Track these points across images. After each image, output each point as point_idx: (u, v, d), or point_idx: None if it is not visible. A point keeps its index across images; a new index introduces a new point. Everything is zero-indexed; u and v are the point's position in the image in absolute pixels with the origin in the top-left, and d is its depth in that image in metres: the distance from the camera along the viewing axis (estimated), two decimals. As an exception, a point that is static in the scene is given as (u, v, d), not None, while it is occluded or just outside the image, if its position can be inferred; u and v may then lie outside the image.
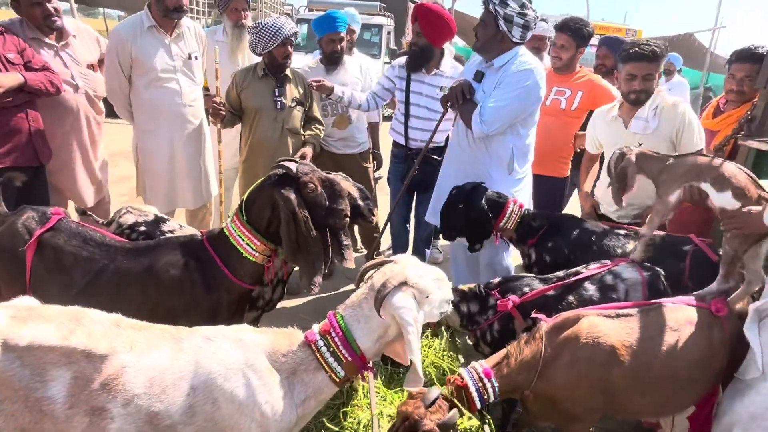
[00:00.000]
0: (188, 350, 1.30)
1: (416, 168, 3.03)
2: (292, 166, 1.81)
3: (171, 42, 3.04)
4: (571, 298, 2.05)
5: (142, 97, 3.05)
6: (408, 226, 3.71)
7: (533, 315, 1.88)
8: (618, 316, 1.77)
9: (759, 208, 1.76)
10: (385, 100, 3.37)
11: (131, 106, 3.12)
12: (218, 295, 1.87)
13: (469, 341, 2.39)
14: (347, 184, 2.26)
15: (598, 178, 2.91)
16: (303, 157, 3.09)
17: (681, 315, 1.77)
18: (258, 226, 1.85)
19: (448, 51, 4.30)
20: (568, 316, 1.80)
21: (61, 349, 1.24)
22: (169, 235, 2.25)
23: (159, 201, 3.21)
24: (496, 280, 2.20)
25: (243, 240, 1.84)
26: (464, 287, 2.17)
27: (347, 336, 1.42)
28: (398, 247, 3.69)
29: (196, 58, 3.18)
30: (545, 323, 1.79)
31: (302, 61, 5.03)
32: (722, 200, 1.84)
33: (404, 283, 1.41)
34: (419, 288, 1.42)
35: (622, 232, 2.45)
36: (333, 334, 1.42)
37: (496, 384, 1.70)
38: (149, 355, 1.28)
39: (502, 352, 1.78)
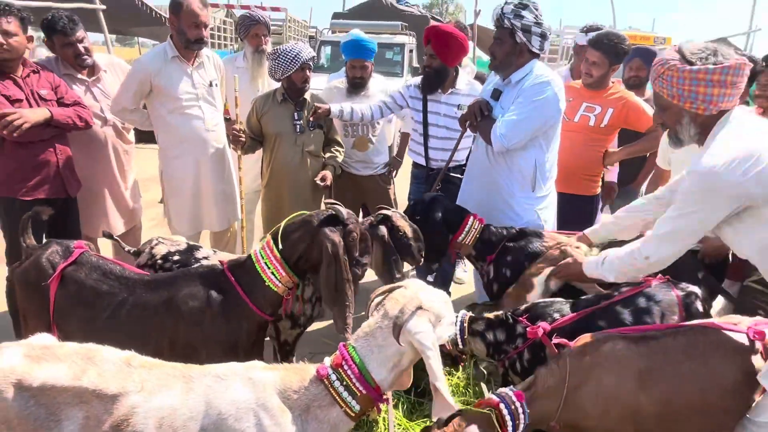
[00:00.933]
0: (199, 390, 1.29)
1: (437, 188, 2.99)
2: (343, 211, 1.86)
3: (193, 71, 3.12)
4: (603, 323, 1.95)
5: (167, 123, 3.13)
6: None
7: (555, 340, 1.80)
8: (643, 338, 1.68)
9: (569, 259, 2.11)
10: (392, 112, 3.34)
11: (139, 118, 3.18)
12: (238, 324, 1.87)
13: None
14: (403, 223, 2.35)
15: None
16: (323, 179, 3.10)
17: (712, 339, 1.66)
18: (288, 258, 1.85)
19: (470, 69, 4.26)
20: (590, 339, 1.71)
21: (74, 389, 1.24)
22: (204, 261, 2.29)
23: (184, 224, 3.27)
24: (524, 306, 2.11)
25: (269, 268, 1.84)
26: (490, 315, 2.09)
27: (360, 368, 1.39)
28: (421, 268, 3.63)
29: (216, 85, 3.25)
30: (569, 348, 1.71)
31: (324, 83, 5.09)
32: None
33: (419, 308, 1.41)
34: (434, 311, 1.42)
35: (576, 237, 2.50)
36: (345, 367, 1.40)
37: (527, 409, 1.62)
38: (160, 395, 1.27)
39: (530, 379, 1.71)
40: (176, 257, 2.33)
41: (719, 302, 3.04)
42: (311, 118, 3.09)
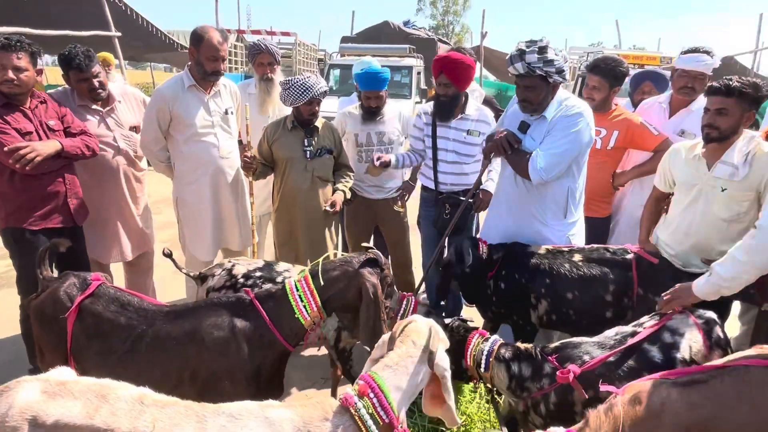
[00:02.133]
0: (212, 430, 1.27)
1: (447, 213, 3.02)
2: (381, 257, 1.99)
3: (209, 99, 3.18)
4: (632, 362, 1.90)
5: (183, 150, 3.18)
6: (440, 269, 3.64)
7: (602, 387, 1.73)
8: (692, 383, 1.61)
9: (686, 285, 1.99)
10: (423, 150, 3.36)
11: (166, 159, 3.25)
12: (263, 354, 1.88)
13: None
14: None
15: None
16: (333, 205, 3.12)
17: (757, 377, 1.60)
18: (321, 293, 1.91)
19: (478, 94, 4.31)
20: (641, 389, 1.64)
21: (86, 428, 1.24)
22: (285, 274, 2.47)
23: (202, 248, 3.29)
24: (553, 345, 2.06)
25: (302, 301, 1.88)
26: (520, 345, 2.05)
27: (387, 397, 1.43)
28: (430, 289, 3.61)
29: (231, 113, 3.31)
30: (619, 396, 1.63)
31: (334, 105, 5.13)
32: None
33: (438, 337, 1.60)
34: (444, 340, 1.64)
35: (565, 249, 2.59)
36: (372, 396, 1.42)
37: None
38: (172, 435, 1.26)
39: (580, 424, 1.63)
40: (258, 273, 2.46)
41: (736, 328, 3.00)
42: (376, 164, 3.16)
